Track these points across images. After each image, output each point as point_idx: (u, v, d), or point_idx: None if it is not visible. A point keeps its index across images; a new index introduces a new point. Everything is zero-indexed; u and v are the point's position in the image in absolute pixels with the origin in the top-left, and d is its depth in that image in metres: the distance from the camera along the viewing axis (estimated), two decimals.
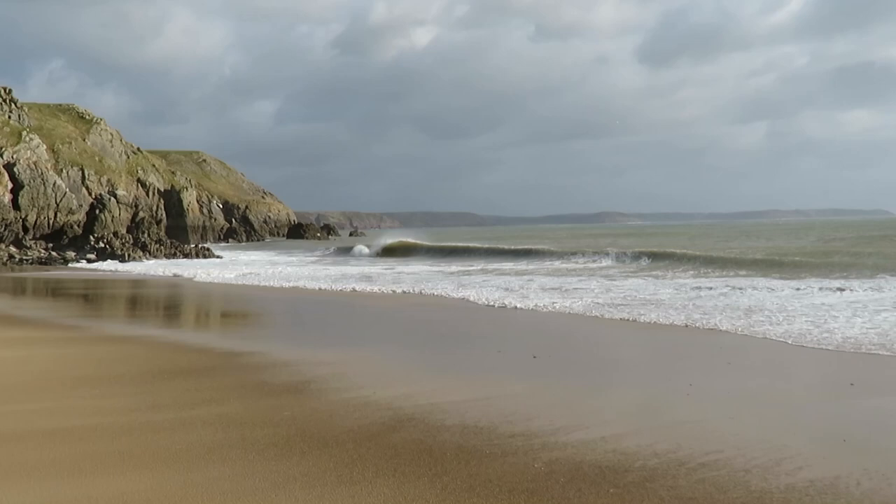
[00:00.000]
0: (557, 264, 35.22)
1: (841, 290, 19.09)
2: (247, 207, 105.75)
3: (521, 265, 35.49)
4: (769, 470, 5.93)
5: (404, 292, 22.70)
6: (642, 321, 14.87)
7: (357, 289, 24.22)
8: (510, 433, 6.95)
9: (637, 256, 33.89)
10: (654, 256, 33.31)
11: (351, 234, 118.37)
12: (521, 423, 7.28)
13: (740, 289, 20.17)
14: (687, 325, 14.14)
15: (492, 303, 18.94)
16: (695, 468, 5.98)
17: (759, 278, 23.76)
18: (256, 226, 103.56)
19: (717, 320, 14.40)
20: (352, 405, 8.08)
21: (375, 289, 23.96)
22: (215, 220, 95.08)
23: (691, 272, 27.56)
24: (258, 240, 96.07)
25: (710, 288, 20.60)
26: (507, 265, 35.80)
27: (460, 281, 26.59)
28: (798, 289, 19.72)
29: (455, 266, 36.25)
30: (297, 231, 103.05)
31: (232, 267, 39.06)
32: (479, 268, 34.69)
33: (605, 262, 34.34)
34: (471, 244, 45.80)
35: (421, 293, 22.27)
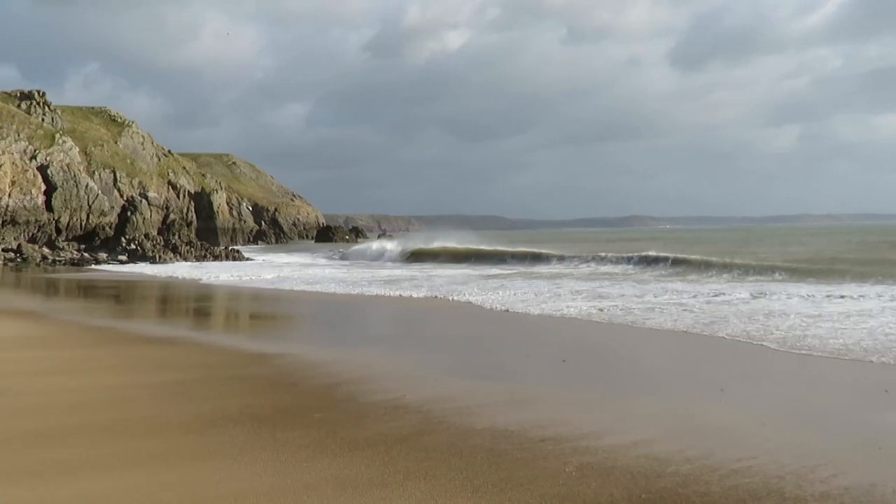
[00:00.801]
0: (589, 268, 35.06)
1: (881, 296, 18.90)
2: (276, 210, 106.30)
3: (554, 269, 35.43)
4: (803, 477, 5.88)
5: (435, 296, 22.70)
6: (672, 328, 14.78)
7: (386, 293, 24.25)
8: (541, 437, 6.93)
9: (670, 262, 33.38)
10: (685, 263, 32.80)
11: (379, 237, 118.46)
12: (552, 427, 7.27)
13: (774, 294, 19.98)
14: (716, 332, 14.03)
15: (519, 307, 18.91)
16: (727, 474, 5.94)
17: (793, 284, 23.53)
18: (286, 228, 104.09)
19: (748, 327, 14.27)
20: (382, 408, 8.10)
21: (405, 293, 23.98)
22: (245, 222, 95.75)
23: (724, 276, 27.27)
24: (287, 242, 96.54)
25: (742, 294, 20.43)
26: (540, 269, 35.75)
27: (489, 284, 26.57)
28: (829, 295, 19.48)
29: (487, 270, 36.21)
30: (325, 234, 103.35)
31: (263, 269, 39.27)
32: (510, 271, 34.64)
33: (636, 267, 33.98)
34: (501, 248, 45.15)
35: (450, 297, 22.27)
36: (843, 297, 19.02)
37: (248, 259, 51.55)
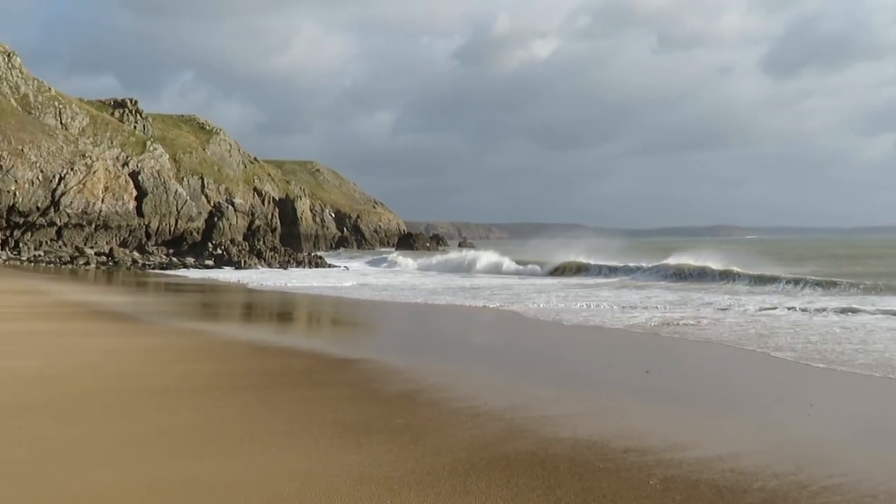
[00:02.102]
0: (675, 283, 34.30)
1: None
2: (358, 217, 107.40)
3: (640, 280, 34.83)
4: None
5: (514, 306, 22.69)
6: (755, 347, 14.51)
7: (468, 303, 24.32)
8: (624, 448, 6.87)
9: (765, 280, 30.41)
10: (772, 280, 30.63)
11: (460, 245, 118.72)
12: (635, 439, 7.20)
13: (862, 310, 19.36)
14: (805, 350, 13.70)
15: (603, 319, 18.77)
16: (817, 492, 5.80)
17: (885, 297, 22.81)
18: (367, 235, 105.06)
19: (838, 347, 13.86)
20: (464, 415, 8.12)
21: (487, 303, 24.01)
22: (327, 228, 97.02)
23: (818, 291, 26.24)
24: (369, 249, 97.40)
25: (825, 309, 19.75)
26: (629, 280, 35.33)
27: (573, 294, 26.44)
28: None
29: (572, 279, 36.00)
30: (406, 241, 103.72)
31: (347, 276, 39.67)
32: (596, 282, 34.42)
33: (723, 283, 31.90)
34: (598, 262, 42.00)
35: (530, 307, 22.22)
36: None
37: (329, 265, 52.09)
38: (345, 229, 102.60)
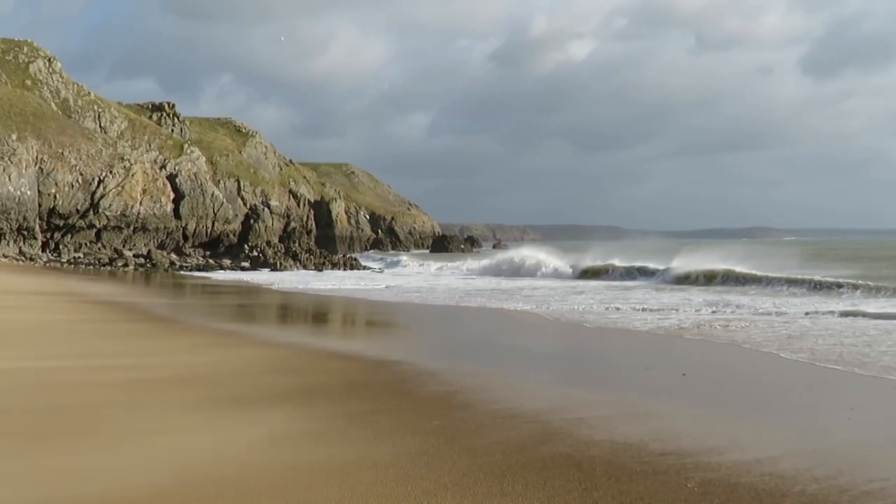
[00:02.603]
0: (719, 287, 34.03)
1: None
2: (392, 219, 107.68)
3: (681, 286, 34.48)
4: None
5: (549, 307, 22.65)
6: (794, 352, 14.35)
7: (513, 306, 24.29)
8: (660, 451, 6.83)
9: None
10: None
11: (494, 247, 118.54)
12: (672, 442, 7.15)
13: None
14: (846, 355, 13.53)
15: (639, 321, 18.67)
16: (858, 496, 5.73)
17: None
18: (402, 237, 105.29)
19: (880, 352, 13.67)
20: (499, 416, 8.12)
21: (528, 306, 23.97)
22: (362, 230, 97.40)
23: (858, 295, 25.46)
24: (404, 251, 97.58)
25: (865, 314, 19.33)
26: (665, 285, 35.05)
27: (610, 296, 26.34)
28: None
29: (607, 281, 35.83)
30: (440, 243, 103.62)
31: (387, 279, 39.72)
32: (634, 284, 34.25)
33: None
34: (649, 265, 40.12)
35: (563, 308, 22.16)
36: None
37: (363, 267, 52.20)
38: (379, 231, 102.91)
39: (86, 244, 56.52)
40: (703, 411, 8.81)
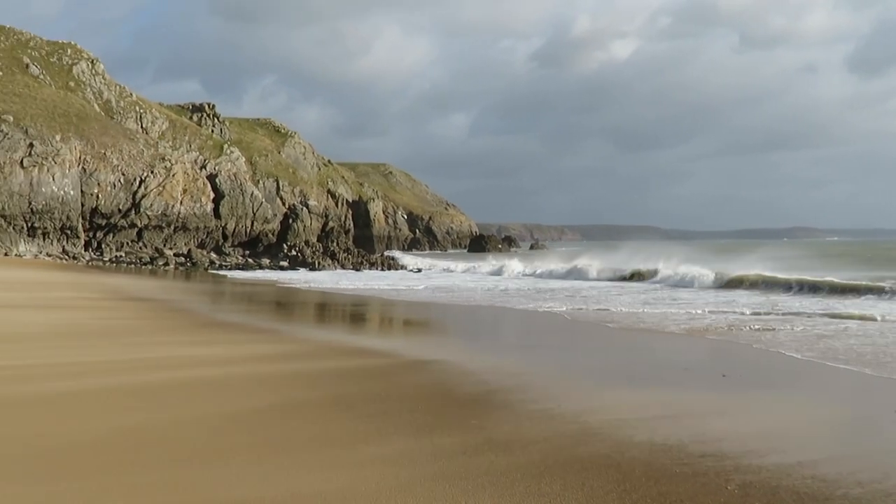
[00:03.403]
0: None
1: None
2: (430, 218, 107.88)
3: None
4: None
5: (585, 309, 22.56)
6: (838, 357, 14.16)
7: (550, 307, 24.22)
8: (700, 453, 6.78)
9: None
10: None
11: (531, 247, 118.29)
12: (712, 443, 7.09)
13: None
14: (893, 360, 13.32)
15: (677, 324, 18.55)
16: None
17: None
18: (439, 237, 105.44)
19: None
20: (537, 417, 8.11)
21: (565, 306, 23.91)
22: (400, 230, 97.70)
23: None
24: (441, 250, 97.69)
25: None
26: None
27: (651, 297, 26.17)
28: None
29: (646, 284, 35.61)
30: (478, 242, 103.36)
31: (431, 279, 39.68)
32: (674, 285, 33.98)
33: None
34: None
35: (605, 310, 22.07)
36: None
37: (401, 266, 52.25)
38: (417, 231, 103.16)
39: (127, 243, 57.21)
40: (744, 413, 8.72)
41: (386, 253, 65.21)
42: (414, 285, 34.12)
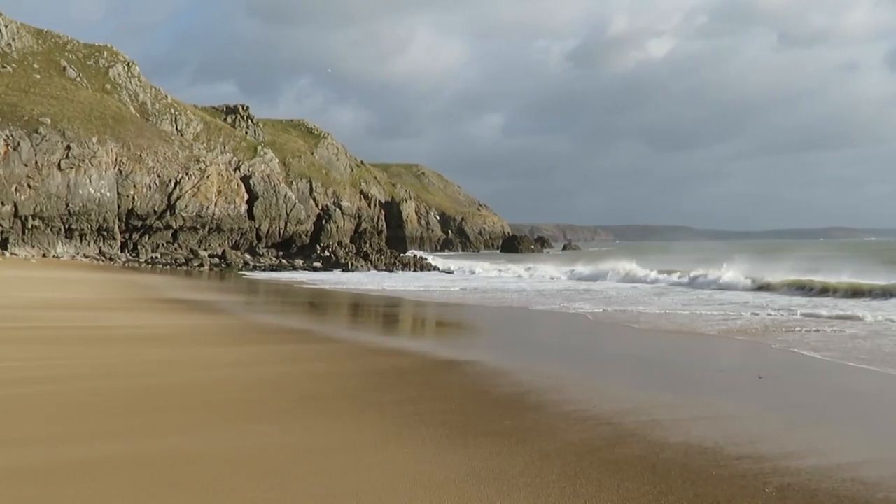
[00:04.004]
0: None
1: None
2: (462, 219, 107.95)
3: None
4: None
5: (622, 310, 22.44)
6: (877, 360, 13.96)
7: (584, 308, 24.14)
8: (737, 455, 6.71)
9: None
10: None
11: (564, 248, 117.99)
12: (748, 445, 7.01)
13: None
14: None
15: (712, 326, 18.39)
16: None
17: None
18: (472, 237, 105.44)
19: None
20: (572, 418, 8.06)
21: (599, 308, 23.80)
22: (432, 231, 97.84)
23: None
24: (473, 251, 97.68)
25: None
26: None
27: (685, 299, 25.97)
28: None
29: (681, 286, 35.36)
30: (511, 243, 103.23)
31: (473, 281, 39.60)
32: (711, 288, 33.71)
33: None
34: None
35: (636, 311, 21.94)
36: None
37: (434, 268, 52.19)
38: (449, 231, 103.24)
39: (163, 244, 57.77)
40: (781, 415, 8.61)
41: (418, 254, 65.18)
42: (448, 286, 34.13)
